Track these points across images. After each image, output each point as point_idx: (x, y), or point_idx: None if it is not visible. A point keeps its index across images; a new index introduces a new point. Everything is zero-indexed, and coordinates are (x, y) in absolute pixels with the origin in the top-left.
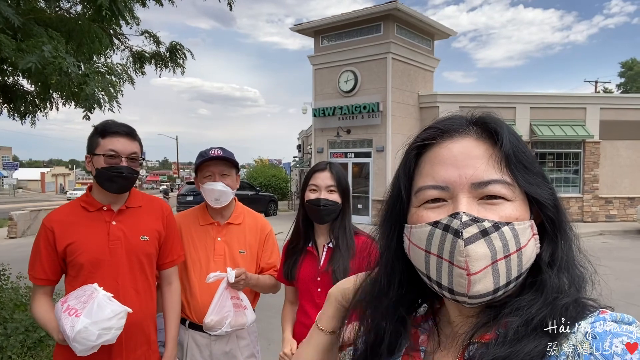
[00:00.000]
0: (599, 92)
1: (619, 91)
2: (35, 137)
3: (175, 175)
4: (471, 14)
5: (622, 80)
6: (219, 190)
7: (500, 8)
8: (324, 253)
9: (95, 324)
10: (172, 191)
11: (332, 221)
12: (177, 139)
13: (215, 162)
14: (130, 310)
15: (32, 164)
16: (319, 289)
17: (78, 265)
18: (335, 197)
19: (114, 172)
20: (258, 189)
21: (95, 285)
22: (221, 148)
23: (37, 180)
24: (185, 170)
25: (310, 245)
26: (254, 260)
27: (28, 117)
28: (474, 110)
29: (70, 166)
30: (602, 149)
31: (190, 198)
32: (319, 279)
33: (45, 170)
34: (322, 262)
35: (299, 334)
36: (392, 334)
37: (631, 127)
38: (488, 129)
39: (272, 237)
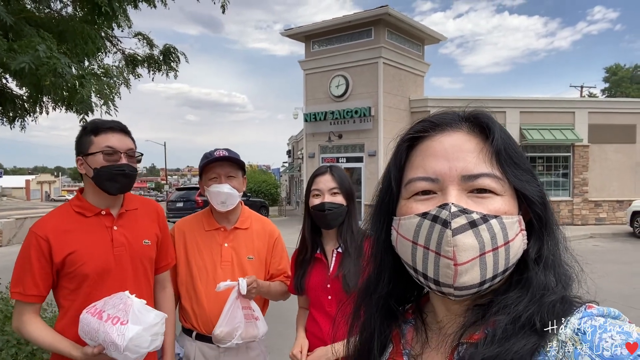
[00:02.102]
0: (584, 96)
1: (604, 96)
2: (19, 143)
3: (164, 182)
4: (458, 21)
5: (607, 85)
6: (226, 193)
7: (486, 15)
8: (334, 259)
9: (146, 330)
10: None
11: (339, 225)
12: (165, 145)
13: (220, 163)
14: (167, 315)
15: (16, 172)
16: (329, 297)
17: (81, 276)
18: (339, 199)
19: (115, 171)
20: (249, 194)
21: (127, 292)
22: (226, 149)
23: (21, 188)
24: (173, 177)
25: (318, 252)
26: (263, 266)
27: (17, 121)
28: (466, 106)
29: (55, 173)
30: (591, 152)
31: (180, 205)
32: (328, 285)
33: (30, 177)
34: (332, 268)
35: (310, 345)
36: (382, 331)
37: (619, 131)
38: (480, 124)
39: (280, 242)
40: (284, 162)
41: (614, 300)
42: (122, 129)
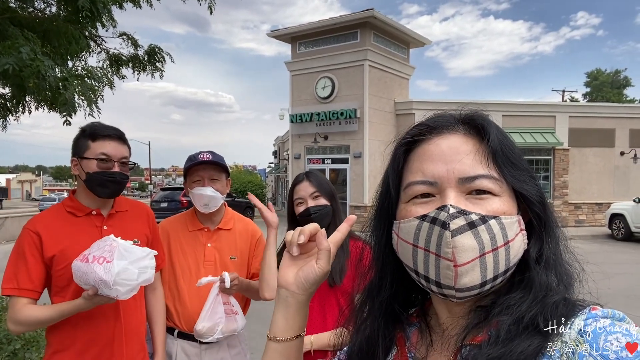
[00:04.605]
0: (566, 101)
1: (585, 100)
2: None
3: (147, 182)
4: (444, 24)
5: (588, 89)
6: (208, 196)
7: (471, 19)
8: None
9: (133, 263)
10: None
11: (327, 225)
12: (149, 145)
13: (204, 166)
14: (156, 252)
15: None
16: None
17: (70, 273)
18: (322, 201)
19: (107, 177)
20: (234, 195)
21: (112, 235)
22: (211, 152)
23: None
24: (158, 177)
25: None
26: (245, 266)
27: None
28: (462, 108)
29: (36, 172)
30: (571, 156)
31: (164, 205)
32: None
33: (10, 176)
34: None
35: None
36: (386, 334)
37: (598, 135)
38: (476, 125)
39: (262, 242)
40: (270, 163)
41: (596, 293)
42: (119, 137)
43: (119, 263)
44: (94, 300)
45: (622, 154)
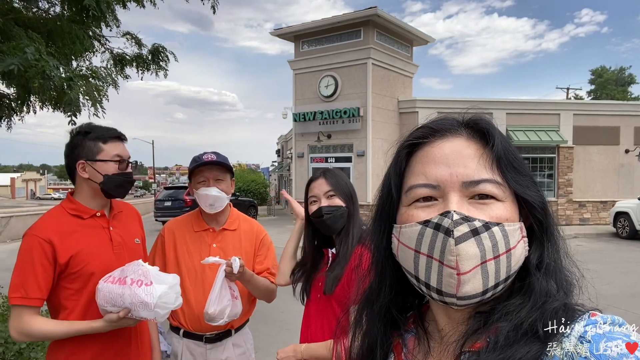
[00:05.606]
0: (570, 98)
1: (590, 98)
2: (3, 141)
3: (151, 181)
4: (447, 22)
5: (592, 87)
6: (213, 196)
7: (475, 16)
8: (330, 259)
9: (171, 288)
10: None
11: (340, 229)
12: (153, 144)
13: (209, 167)
14: (178, 277)
15: (1, 169)
16: (318, 296)
17: (87, 275)
18: (336, 201)
19: (125, 178)
20: (237, 194)
21: (140, 260)
22: (215, 153)
23: (6, 186)
24: (161, 175)
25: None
26: (250, 266)
27: (4, 120)
28: (465, 111)
29: (41, 171)
30: (576, 154)
31: (168, 204)
32: (320, 284)
33: (15, 175)
34: (327, 267)
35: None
36: (384, 340)
37: (603, 133)
38: (479, 129)
39: (266, 241)
40: (273, 162)
41: (595, 299)
42: (125, 139)
43: (159, 287)
44: (116, 323)
45: (626, 151)
